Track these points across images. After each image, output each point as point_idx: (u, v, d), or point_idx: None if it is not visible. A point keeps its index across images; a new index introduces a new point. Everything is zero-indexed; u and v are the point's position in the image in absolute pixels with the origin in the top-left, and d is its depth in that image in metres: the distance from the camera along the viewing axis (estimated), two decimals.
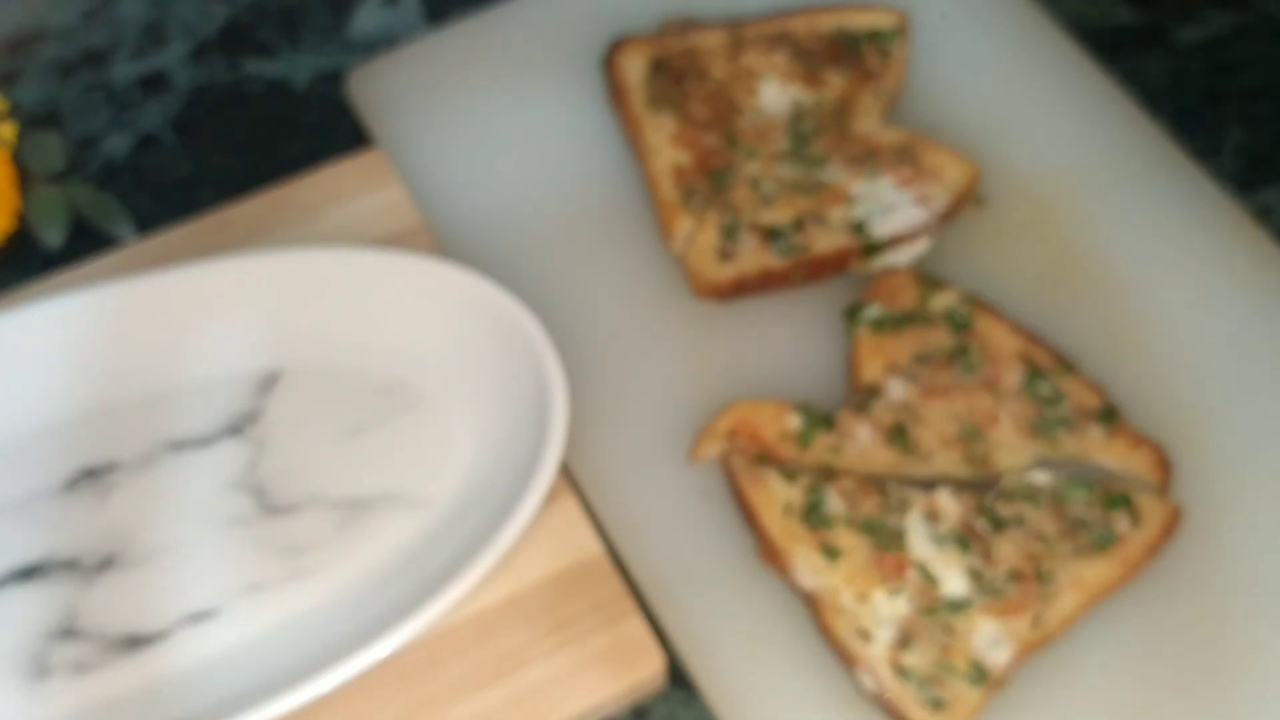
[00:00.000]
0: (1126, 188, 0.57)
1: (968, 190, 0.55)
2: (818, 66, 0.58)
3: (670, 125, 0.57)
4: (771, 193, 0.55)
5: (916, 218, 0.54)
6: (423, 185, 0.58)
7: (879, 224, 0.54)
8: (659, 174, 0.56)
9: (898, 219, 0.54)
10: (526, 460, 0.47)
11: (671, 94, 0.57)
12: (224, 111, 0.62)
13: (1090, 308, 0.54)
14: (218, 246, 0.55)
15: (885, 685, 0.45)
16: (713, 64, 0.58)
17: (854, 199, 0.55)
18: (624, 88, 0.58)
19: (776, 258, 0.53)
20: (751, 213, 0.54)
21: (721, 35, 0.59)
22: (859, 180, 0.55)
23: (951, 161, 0.56)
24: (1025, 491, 0.48)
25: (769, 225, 0.54)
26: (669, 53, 0.59)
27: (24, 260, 0.58)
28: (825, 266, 0.54)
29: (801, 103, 0.57)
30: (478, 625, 0.47)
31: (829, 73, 0.58)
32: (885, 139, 0.56)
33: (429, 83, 0.61)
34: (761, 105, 0.57)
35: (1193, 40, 0.64)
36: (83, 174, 0.60)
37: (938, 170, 0.55)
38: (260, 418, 0.51)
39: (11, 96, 0.63)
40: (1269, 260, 0.56)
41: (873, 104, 0.57)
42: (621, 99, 0.58)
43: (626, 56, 0.59)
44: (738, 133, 0.56)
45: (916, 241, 0.54)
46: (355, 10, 0.66)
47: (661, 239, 0.56)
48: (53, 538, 0.49)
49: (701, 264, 0.54)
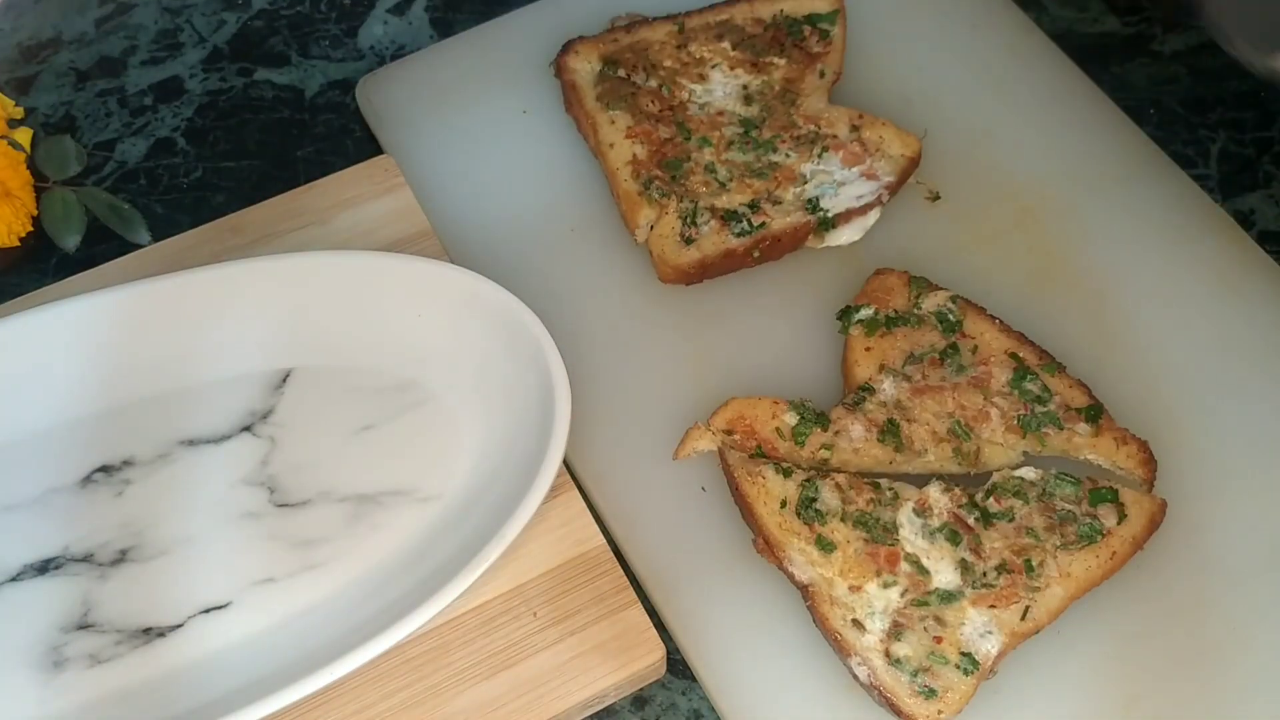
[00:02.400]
0: (1113, 193, 0.58)
1: (912, 163, 0.57)
2: (762, 51, 0.59)
3: (623, 120, 0.58)
4: (727, 178, 0.56)
5: (866, 192, 0.56)
6: (430, 190, 0.59)
7: (831, 200, 0.56)
8: (616, 168, 0.57)
9: (848, 194, 0.56)
10: (531, 456, 0.48)
11: (622, 89, 0.58)
12: (236, 118, 0.63)
13: (1077, 309, 0.55)
14: (230, 250, 0.56)
15: (878, 675, 0.46)
16: (661, 56, 0.59)
17: (806, 178, 0.56)
18: (576, 87, 0.59)
19: (736, 239, 0.55)
20: (709, 198, 0.56)
21: (668, 27, 0.60)
22: (809, 161, 0.57)
23: (894, 135, 0.57)
24: (1014, 487, 0.49)
25: (727, 208, 0.55)
26: (617, 49, 0.60)
27: (40, 264, 0.59)
28: (783, 244, 0.56)
29: (749, 86, 0.59)
30: (483, 616, 0.48)
31: (773, 56, 0.59)
32: (830, 117, 0.58)
33: (436, 90, 0.62)
34: (710, 93, 0.59)
35: (1177, 48, 0.65)
36: (97, 179, 0.61)
37: (882, 145, 0.57)
38: (272, 415, 0.52)
39: (27, 102, 0.64)
40: (1251, 263, 0.56)
41: (818, 84, 0.59)
42: (574, 99, 0.59)
43: (576, 58, 0.60)
44: (689, 121, 0.58)
45: (868, 214, 0.56)
46: (365, 20, 0.67)
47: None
48: (69, 532, 0.50)
49: (665, 249, 0.55)
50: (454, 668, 0.47)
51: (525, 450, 0.49)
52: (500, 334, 0.52)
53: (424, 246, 0.56)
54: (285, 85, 0.64)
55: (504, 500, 0.48)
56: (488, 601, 0.48)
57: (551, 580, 0.49)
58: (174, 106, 0.64)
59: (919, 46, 0.63)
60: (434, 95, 0.61)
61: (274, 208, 0.57)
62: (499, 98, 0.61)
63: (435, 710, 0.46)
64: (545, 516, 0.49)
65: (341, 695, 0.46)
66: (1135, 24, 0.66)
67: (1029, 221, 0.58)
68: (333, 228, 0.57)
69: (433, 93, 0.62)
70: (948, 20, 0.63)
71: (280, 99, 0.64)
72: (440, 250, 0.56)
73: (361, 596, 0.48)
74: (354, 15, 0.67)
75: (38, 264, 0.59)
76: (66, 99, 0.64)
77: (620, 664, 0.47)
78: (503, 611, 0.48)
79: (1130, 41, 0.65)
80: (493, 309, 0.52)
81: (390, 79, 0.62)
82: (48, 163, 0.61)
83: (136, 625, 0.48)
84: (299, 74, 0.65)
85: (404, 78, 0.62)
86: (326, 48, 0.66)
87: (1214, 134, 0.62)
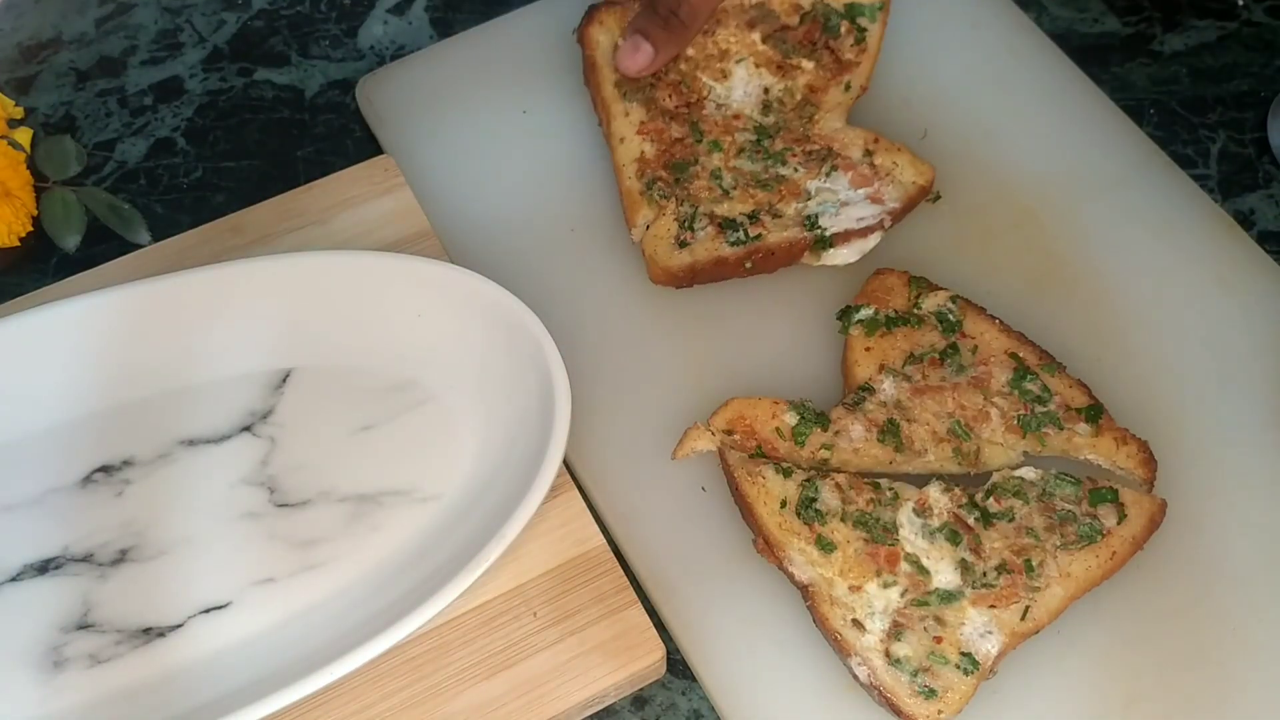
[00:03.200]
0: (1113, 193, 0.58)
1: (922, 191, 0.56)
2: (791, 50, 0.58)
3: (637, 114, 0.57)
4: (731, 185, 0.56)
5: (868, 215, 0.55)
6: (430, 190, 0.59)
7: (831, 220, 0.55)
8: (624, 163, 0.57)
9: (850, 215, 0.55)
10: (531, 456, 0.48)
11: (641, 79, 0.58)
12: (236, 118, 0.63)
13: (1077, 309, 0.55)
14: (230, 250, 0.56)
15: (878, 675, 0.46)
16: None
17: (810, 194, 0.56)
18: (596, 65, 0.58)
19: (730, 248, 0.54)
20: (710, 204, 0.55)
21: None
22: (816, 177, 0.56)
23: (908, 162, 0.57)
24: (1014, 487, 0.49)
25: (726, 216, 0.55)
26: None
27: (40, 264, 0.59)
28: (777, 258, 0.55)
29: (770, 90, 0.58)
30: (483, 616, 0.48)
31: (800, 58, 0.58)
32: (846, 138, 0.57)
33: (436, 91, 0.62)
34: (730, 94, 0.58)
35: (1177, 48, 0.65)
36: (97, 179, 0.61)
37: (894, 170, 0.56)
38: (272, 415, 0.52)
39: (27, 102, 0.64)
40: (1251, 263, 0.57)
41: (840, 99, 0.58)
42: (593, 77, 0.58)
43: (599, 28, 0.59)
44: (704, 123, 0.57)
45: (869, 237, 0.55)
46: (365, 20, 0.67)
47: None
48: (69, 532, 0.50)
49: (657, 250, 0.55)
50: (454, 668, 0.47)
51: (525, 450, 0.49)
52: (500, 334, 0.52)
53: (424, 246, 0.56)
54: (285, 85, 0.64)
55: (504, 500, 0.48)
56: (488, 601, 0.48)
57: (551, 580, 0.49)
58: (174, 106, 0.64)
59: (919, 46, 0.63)
60: (434, 95, 0.62)
61: (274, 208, 0.58)
62: (499, 98, 0.61)
63: (435, 710, 0.46)
64: (545, 516, 0.49)
65: (341, 695, 0.47)
66: (1135, 24, 0.66)
67: (1029, 221, 0.58)
68: (333, 228, 0.57)
69: (433, 93, 0.62)
70: (948, 20, 0.64)
71: (280, 99, 0.64)
72: (440, 250, 0.56)
73: (361, 596, 0.48)
74: (354, 15, 0.67)
75: (38, 264, 0.59)
76: (66, 99, 0.64)
77: (620, 664, 0.47)
78: (503, 611, 0.48)
79: (1130, 41, 0.65)
80: (493, 309, 0.52)
81: (390, 79, 0.62)
82: (48, 163, 0.61)
83: (136, 625, 0.48)
84: (299, 74, 0.65)
85: (404, 78, 0.62)
86: (326, 48, 0.66)
87: (1214, 134, 0.62)
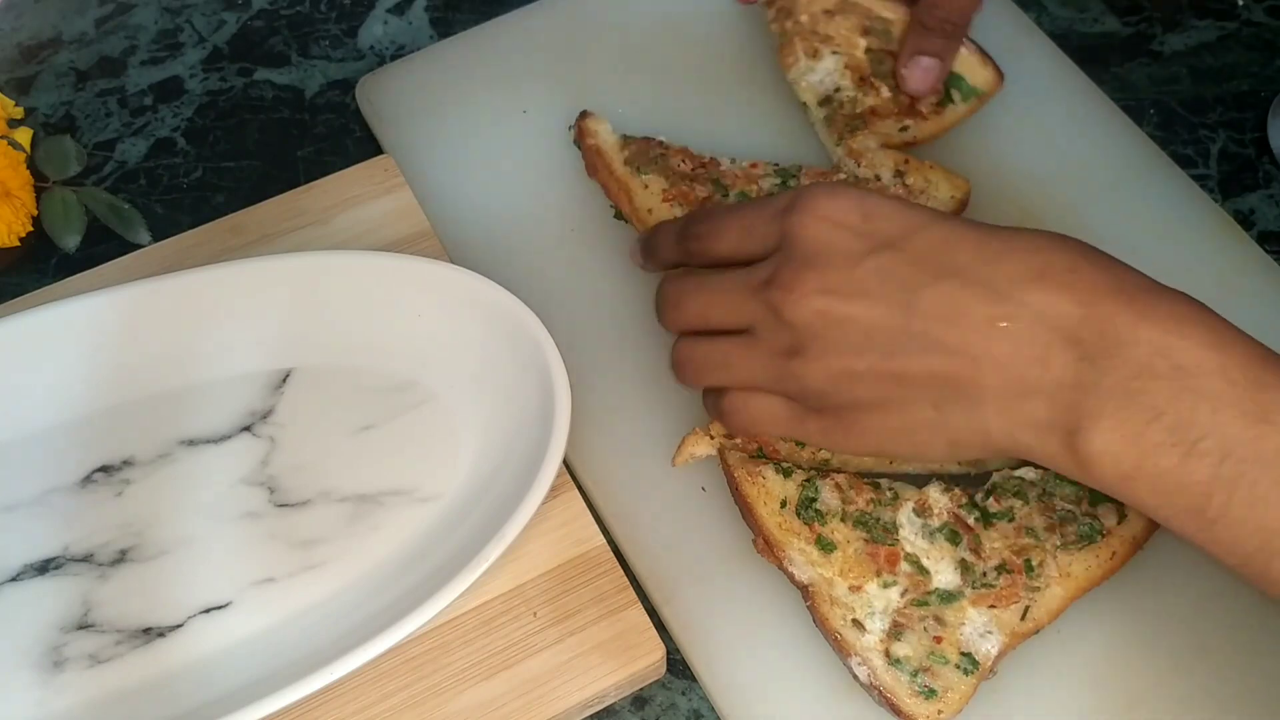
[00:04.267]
0: (1112, 192, 0.58)
1: (961, 205, 0.56)
2: (881, 72, 0.58)
3: (657, 183, 0.56)
4: None
5: None
6: (430, 190, 0.59)
7: None
8: None
9: None
10: (531, 456, 0.48)
11: (650, 150, 0.56)
12: (236, 118, 0.63)
13: None
14: (230, 250, 0.56)
15: (878, 675, 0.46)
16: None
17: None
18: (600, 152, 0.57)
19: None
20: None
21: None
22: None
23: (942, 177, 0.56)
24: (1014, 487, 0.49)
25: None
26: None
27: (40, 264, 0.59)
28: None
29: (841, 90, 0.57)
30: (483, 616, 0.48)
31: (884, 82, 0.58)
32: (874, 159, 0.56)
33: (436, 90, 0.62)
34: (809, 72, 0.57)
35: (1177, 48, 0.65)
36: (97, 179, 0.61)
37: (928, 188, 0.56)
38: (272, 415, 0.52)
39: (27, 102, 0.64)
40: (1252, 264, 0.57)
41: (890, 134, 0.57)
42: (600, 164, 0.57)
43: (593, 120, 0.58)
44: (724, 177, 0.56)
45: None
46: (365, 20, 0.67)
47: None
48: (69, 532, 0.50)
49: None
50: (454, 668, 0.47)
51: (525, 450, 0.49)
52: (501, 334, 0.52)
53: (424, 246, 0.56)
54: (285, 85, 0.65)
55: (504, 500, 0.48)
56: (488, 601, 0.48)
57: (551, 580, 0.49)
58: (174, 106, 0.64)
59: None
60: (434, 95, 0.62)
61: (274, 208, 0.58)
62: (499, 98, 0.62)
63: (435, 710, 0.46)
64: (545, 516, 0.49)
65: (341, 695, 0.47)
66: (1135, 24, 0.66)
67: (1029, 222, 0.58)
68: (333, 228, 0.57)
69: (433, 93, 0.62)
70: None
71: (280, 99, 0.64)
72: (440, 250, 0.56)
73: (361, 596, 0.48)
74: (354, 15, 0.67)
75: (38, 264, 0.59)
76: (66, 99, 0.64)
77: (620, 664, 0.47)
78: (503, 611, 0.48)
79: (1130, 41, 0.65)
80: (493, 309, 0.52)
81: (390, 79, 0.62)
82: (48, 163, 0.61)
83: (136, 625, 0.48)
84: (299, 74, 0.65)
85: (404, 78, 0.62)
86: (326, 48, 0.66)
87: (1214, 134, 0.62)
